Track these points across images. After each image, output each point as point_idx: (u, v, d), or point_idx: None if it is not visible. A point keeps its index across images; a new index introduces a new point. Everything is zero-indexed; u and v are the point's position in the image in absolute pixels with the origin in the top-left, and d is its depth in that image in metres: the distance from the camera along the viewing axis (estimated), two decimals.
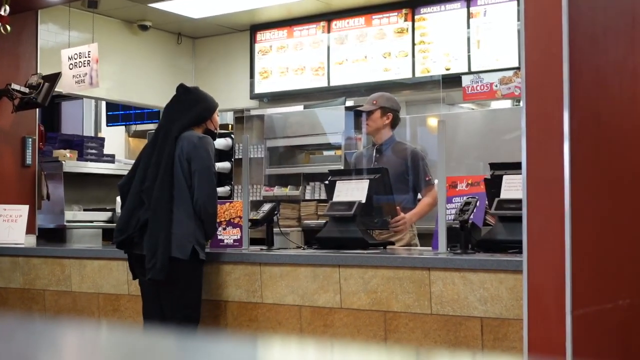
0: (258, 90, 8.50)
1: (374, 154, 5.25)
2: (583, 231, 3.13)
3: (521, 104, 3.30)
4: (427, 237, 4.91)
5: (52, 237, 6.84)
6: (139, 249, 4.46)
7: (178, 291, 4.45)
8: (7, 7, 6.08)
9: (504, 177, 4.19)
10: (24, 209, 6.02)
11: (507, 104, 7.77)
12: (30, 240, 6.15)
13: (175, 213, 4.44)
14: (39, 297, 5.44)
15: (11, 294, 5.58)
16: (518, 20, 6.79)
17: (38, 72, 6.72)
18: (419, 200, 5.14)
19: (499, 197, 4.16)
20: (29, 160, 6.72)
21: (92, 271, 5.17)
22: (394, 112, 5.28)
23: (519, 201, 3.40)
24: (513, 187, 4.11)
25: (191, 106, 4.67)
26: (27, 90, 6.45)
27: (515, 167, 3.82)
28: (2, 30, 6.15)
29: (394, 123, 5.29)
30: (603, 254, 3.29)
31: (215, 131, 4.81)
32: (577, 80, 3.14)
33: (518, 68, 6.67)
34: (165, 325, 4.49)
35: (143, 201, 4.48)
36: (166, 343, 1.26)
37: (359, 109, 5.43)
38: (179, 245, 4.40)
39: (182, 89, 4.75)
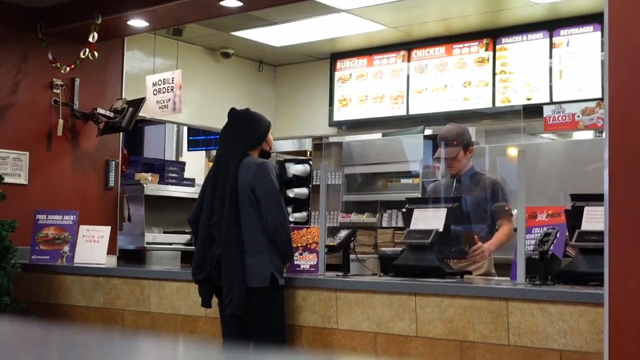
0: (337, 117, 8.55)
1: (454, 184, 5.20)
2: None
3: (604, 135, 3.25)
4: (505, 268, 4.85)
5: (132, 258, 6.96)
6: (219, 282, 4.49)
7: (261, 319, 4.47)
8: (96, 35, 6.26)
9: (585, 208, 4.13)
10: (106, 230, 6.13)
11: (589, 134, 7.65)
12: (111, 261, 6.26)
13: (247, 243, 4.45)
14: (118, 317, 5.54)
15: (92, 313, 5.69)
16: (601, 50, 6.70)
17: (123, 97, 6.90)
18: (497, 230, 5.07)
19: (579, 228, 4.09)
20: (111, 183, 6.88)
21: (171, 292, 5.24)
22: (472, 143, 5.23)
23: (600, 233, 3.34)
24: (594, 218, 4.04)
25: (245, 131, 4.64)
26: (111, 114, 6.63)
27: (596, 198, 3.76)
28: (90, 57, 6.33)
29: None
30: None
31: (270, 151, 4.78)
32: None
33: (601, 99, 6.56)
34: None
35: (214, 236, 4.51)
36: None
37: (441, 157, 5.21)
38: (257, 274, 4.43)
39: (233, 113, 4.73)
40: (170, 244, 7.30)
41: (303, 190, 8.88)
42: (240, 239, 4.44)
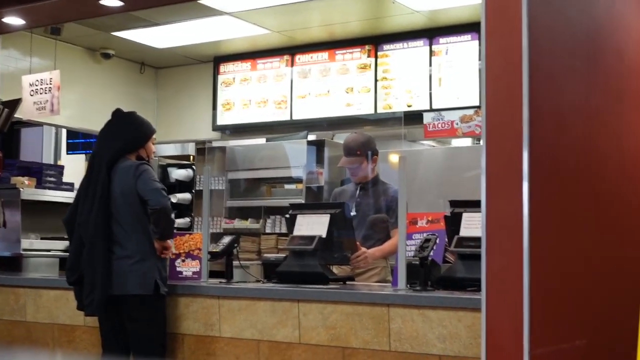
0: (220, 122, 8.50)
1: (357, 191, 5.24)
2: (541, 270, 3.15)
3: (481, 142, 3.32)
4: None
5: (8, 265, 6.72)
6: None
7: (142, 326, 4.41)
8: None
9: (464, 214, 4.21)
10: None
11: (467, 142, 7.85)
12: None
13: (129, 249, 4.39)
14: None
15: None
16: (479, 59, 6.88)
17: None
18: None
19: (458, 234, 4.17)
20: None
21: (48, 301, 5.09)
22: (376, 152, 5.27)
23: (479, 239, 3.41)
24: (472, 225, 4.13)
25: (124, 132, 4.57)
26: None
27: (475, 205, 3.84)
28: None
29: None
30: (561, 293, 3.32)
31: (148, 160, 4.68)
32: (537, 120, 3.17)
33: (479, 107, 6.74)
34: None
35: None
36: None
37: (344, 165, 5.26)
38: (141, 281, 4.37)
39: (115, 114, 4.64)
40: (48, 250, 7.08)
41: (186, 196, 8.78)
42: (107, 240, 4.36)
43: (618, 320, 3.73)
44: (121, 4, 5.89)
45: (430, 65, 7.35)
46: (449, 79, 7.24)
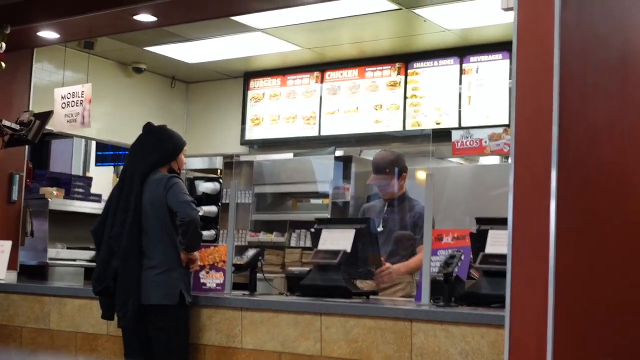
0: (249, 136, 8.53)
1: (385, 207, 5.24)
2: (566, 288, 3.12)
3: (510, 160, 3.31)
4: None
5: (34, 274, 6.78)
6: None
7: (166, 336, 4.42)
8: (4, 45, 6.11)
9: (490, 231, 4.19)
10: (7, 244, 5.97)
11: (495, 160, 7.81)
12: (11, 277, 6.09)
13: (155, 259, 4.42)
14: (16, 334, 5.37)
15: None
16: (509, 78, 6.86)
17: (30, 109, 6.72)
18: None
19: (483, 251, 4.15)
20: (14, 197, 6.69)
21: (72, 310, 5.11)
22: (405, 169, 5.27)
23: (504, 256, 3.39)
24: (498, 242, 4.10)
25: (156, 146, 4.61)
26: (17, 127, 6.45)
27: (501, 222, 3.82)
28: None
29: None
30: (586, 311, 3.28)
31: (179, 171, 4.74)
32: (566, 139, 3.15)
33: (508, 125, 6.71)
34: None
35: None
36: None
37: (373, 183, 5.27)
38: (166, 291, 4.39)
39: (147, 128, 4.69)
40: (74, 260, 7.14)
41: (212, 209, 8.81)
42: (140, 252, 4.40)
43: None
44: (154, 19, 5.95)
45: (460, 83, 7.33)
46: (479, 97, 7.22)
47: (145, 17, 5.90)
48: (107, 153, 9.71)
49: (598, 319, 3.36)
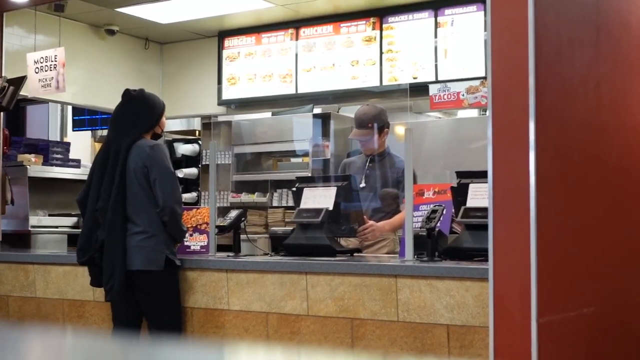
0: (226, 96, 8.48)
1: (367, 163, 5.24)
2: (548, 239, 3.16)
3: (487, 113, 3.32)
4: None
5: (17, 242, 6.76)
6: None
7: (157, 301, 4.45)
8: None
9: (470, 185, 4.22)
10: None
11: (473, 113, 7.82)
12: None
13: (140, 225, 4.42)
14: (2, 303, 5.38)
15: None
16: (485, 30, 6.85)
17: (3, 75, 6.65)
18: None
19: (465, 205, 4.18)
20: None
21: (57, 277, 5.12)
22: (388, 125, 5.28)
23: (485, 209, 3.42)
24: (479, 195, 4.13)
25: (139, 115, 4.60)
26: None
27: (481, 175, 3.84)
28: None
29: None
30: (568, 262, 3.33)
31: (162, 133, 4.79)
32: (543, 90, 3.17)
33: (485, 77, 6.72)
34: (148, 333, 4.49)
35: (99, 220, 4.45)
36: (131, 349, 1.25)
37: (355, 137, 5.27)
38: (151, 257, 4.40)
39: (127, 96, 4.66)
40: (56, 227, 7.12)
41: (192, 170, 8.80)
42: (124, 225, 4.39)
43: (626, 289, 3.74)
44: None
45: (436, 36, 7.31)
46: (455, 50, 7.21)
47: None
48: (84, 117, 9.64)
49: (581, 269, 3.41)
